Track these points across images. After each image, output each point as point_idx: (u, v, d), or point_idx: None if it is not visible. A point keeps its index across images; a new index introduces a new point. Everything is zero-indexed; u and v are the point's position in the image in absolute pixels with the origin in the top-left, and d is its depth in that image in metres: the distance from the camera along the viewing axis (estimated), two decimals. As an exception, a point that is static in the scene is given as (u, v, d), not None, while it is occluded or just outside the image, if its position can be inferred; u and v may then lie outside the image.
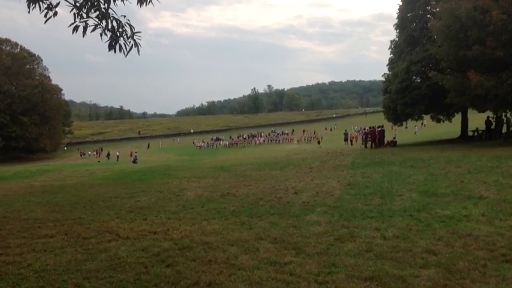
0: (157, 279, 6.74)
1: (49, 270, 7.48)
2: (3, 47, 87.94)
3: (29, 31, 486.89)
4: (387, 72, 38.97)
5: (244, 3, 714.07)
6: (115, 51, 6.39)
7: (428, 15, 34.85)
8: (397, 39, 38.44)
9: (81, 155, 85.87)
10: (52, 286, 6.69)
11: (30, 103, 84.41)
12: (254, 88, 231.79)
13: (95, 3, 6.35)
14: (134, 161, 52.09)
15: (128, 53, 6.41)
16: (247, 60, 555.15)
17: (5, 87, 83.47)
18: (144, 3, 6.52)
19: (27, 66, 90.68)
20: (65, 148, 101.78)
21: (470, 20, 24.92)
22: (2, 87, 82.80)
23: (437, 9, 31.70)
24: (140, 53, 6.48)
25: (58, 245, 9.36)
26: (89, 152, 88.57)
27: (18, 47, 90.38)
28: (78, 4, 6.31)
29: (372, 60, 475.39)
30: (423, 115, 38.17)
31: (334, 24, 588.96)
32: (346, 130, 63.59)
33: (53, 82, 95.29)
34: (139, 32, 6.47)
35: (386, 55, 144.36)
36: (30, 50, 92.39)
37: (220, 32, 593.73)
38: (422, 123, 52.93)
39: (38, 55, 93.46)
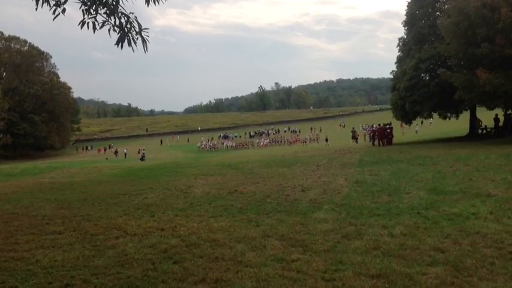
0: (165, 276, 6.77)
1: (57, 267, 7.55)
2: (12, 45, 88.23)
3: (36, 28, 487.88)
4: (395, 69, 38.81)
5: (250, 0, 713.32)
6: (122, 47, 6.41)
7: (437, 13, 34.65)
8: (405, 36, 38.25)
9: (76, 150, 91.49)
10: (60, 282, 6.74)
11: (39, 101, 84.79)
12: (261, 86, 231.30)
13: (103, 0, 6.37)
14: (142, 159, 52.23)
15: (145, 48, 6.42)
16: (255, 57, 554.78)
17: (14, 85, 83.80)
18: (153, 2, 6.55)
19: (37, 64, 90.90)
20: (75, 147, 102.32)
21: (479, 17, 24.80)
22: (11, 85, 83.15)
23: (446, 6, 31.53)
24: (147, 50, 6.49)
25: (66, 241, 9.42)
26: (89, 147, 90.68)
27: (27, 44, 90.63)
28: (86, 0, 6.33)
29: (379, 58, 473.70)
30: (431, 113, 37.93)
31: (340, 21, 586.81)
32: (353, 128, 63.47)
33: (61, 80, 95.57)
34: (147, 29, 6.48)
35: (393, 53, 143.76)
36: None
37: (227, 29, 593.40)
38: (422, 122, 52.53)
39: (46, 52, 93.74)
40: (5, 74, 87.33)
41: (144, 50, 6.46)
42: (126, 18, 6.40)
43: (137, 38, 6.42)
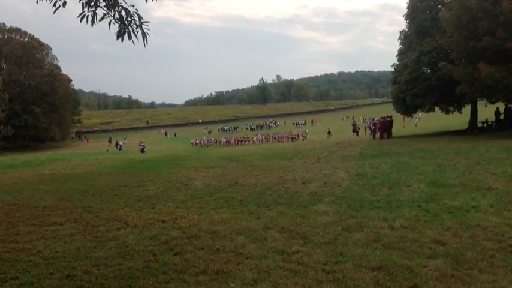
0: (166, 267, 6.79)
1: (58, 258, 7.57)
2: (13, 36, 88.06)
3: (34, 20, 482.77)
4: (396, 62, 38.66)
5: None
6: (122, 40, 6.38)
7: (439, 6, 34.47)
8: (406, 29, 38.04)
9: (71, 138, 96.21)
10: (61, 273, 6.76)
11: (39, 92, 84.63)
12: (262, 78, 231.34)
13: None
14: (142, 151, 52.19)
15: (145, 42, 6.38)
16: (255, 50, 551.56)
17: (15, 77, 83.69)
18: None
19: (37, 56, 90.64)
20: (77, 137, 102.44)
21: (481, 10, 24.70)
22: (12, 76, 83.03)
23: (448, -1, 31.40)
24: (147, 44, 6.46)
25: (67, 232, 9.45)
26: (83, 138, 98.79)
27: (28, 36, 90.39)
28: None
29: (379, 51, 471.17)
30: (433, 107, 37.72)
31: (339, 14, 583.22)
32: (354, 121, 63.44)
33: (62, 71, 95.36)
34: (148, 22, 6.45)
35: (393, 46, 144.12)
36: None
37: (226, 21, 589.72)
38: (404, 118, 52.21)
39: (47, 44, 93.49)
40: (5, 65, 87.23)
41: (144, 44, 6.42)
42: (126, 12, 6.37)
43: (137, 32, 6.39)
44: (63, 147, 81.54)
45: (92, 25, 6.28)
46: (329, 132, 58.05)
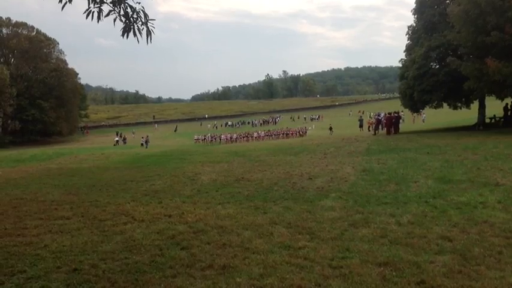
0: (172, 262, 6.81)
1: (65, 251, 7.61)
2: (20, 31, 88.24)
3: (40, 15, 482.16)
4: (404, 58, 38.42)
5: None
6: (127, 37, 6.38)
7: (448, 1, 34.20)
8: (414, 24, 37.79)
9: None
10: (68, 267, 6.79)
11: (47, 87, 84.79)
12: (268, 74, 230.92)
13: None
14: (143, 144, 52.30)
15: (148, 40, 6.38)
16: (261, 45, 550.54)
17: (23, 71, 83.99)
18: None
19: (44, 50, 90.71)
20: (83, 132, 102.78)
21: (489, 5, 24.50)
22: (20, 71, 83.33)
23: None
24: (151, 41, 6.45)
25: (74, 226, 9.49)
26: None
27: (35, 30, 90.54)
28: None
29: (386, 46, 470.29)
30: (441, 102, 37.45)
31: (345, 8, 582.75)
32: (361, 116, 63.18)
33: (69, 66, 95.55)
34: (154, 20, 6.44)
35: (399, 41, 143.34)
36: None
37: (231, 16, 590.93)
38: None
39: (54, 39, 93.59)
40: (13, 60, 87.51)
41: (147, 41, 6.42)
42: (132, 9, 6.36)
43: (142, 29, 6.39)
44: (70, 142, 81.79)
45: (97, 21, 6.28)
46: (331, 129, 57.53)
